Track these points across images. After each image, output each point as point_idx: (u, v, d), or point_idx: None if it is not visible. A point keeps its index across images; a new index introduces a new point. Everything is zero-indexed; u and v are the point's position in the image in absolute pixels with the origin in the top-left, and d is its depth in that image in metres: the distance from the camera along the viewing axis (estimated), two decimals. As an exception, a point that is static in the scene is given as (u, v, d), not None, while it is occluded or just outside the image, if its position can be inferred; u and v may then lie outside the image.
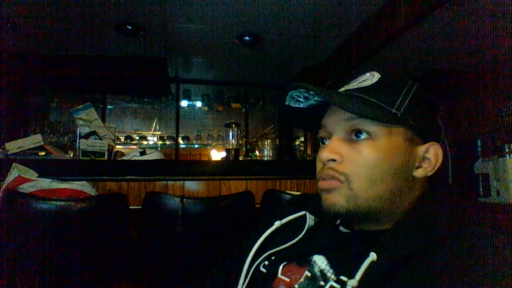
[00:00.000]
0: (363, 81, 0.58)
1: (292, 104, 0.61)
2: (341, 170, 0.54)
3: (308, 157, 3.89)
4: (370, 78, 0.58)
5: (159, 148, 4.15)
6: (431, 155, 0.56)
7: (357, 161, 0.53)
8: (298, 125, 0.68)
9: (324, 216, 0.62)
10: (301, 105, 0.61)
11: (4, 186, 1.37)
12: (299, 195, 0.80)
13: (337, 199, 0.54)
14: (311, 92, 0.57)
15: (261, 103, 4.44)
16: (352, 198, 0.53)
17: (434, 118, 0.58)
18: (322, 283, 0.52)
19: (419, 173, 0.55)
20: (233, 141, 2.31)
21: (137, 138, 4.23)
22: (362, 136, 0.54)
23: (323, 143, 0.60)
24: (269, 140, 3.37)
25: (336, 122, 0.56)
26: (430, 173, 0.56)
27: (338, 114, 0.56)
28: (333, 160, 0.55)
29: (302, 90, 0.57)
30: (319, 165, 0.58)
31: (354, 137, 0.55)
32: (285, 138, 4.40)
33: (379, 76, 0.58)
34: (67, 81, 3.50)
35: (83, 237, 1.25)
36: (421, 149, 0.56)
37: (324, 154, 0.55)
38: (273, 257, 0.61)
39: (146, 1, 2.46)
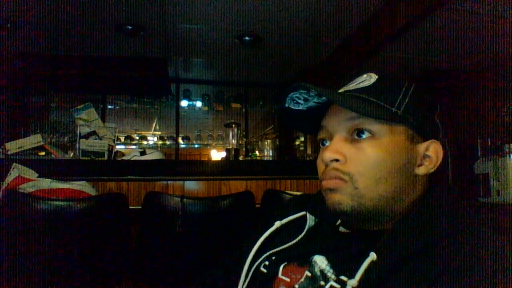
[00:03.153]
0: (361, 82, 0.59)
1: (292, 106, 0.61)
2: (345, 169, 0.54)
3: (308, 157, 3.89)
4: (368, 79, 0.59)
5: (159, 148, 4.14)
6: (432, 153, 0.56)
7: (361, 160, 0.54)
8: (297, 128, 0.68)
9: (327, 215, 0.62)
10: (301, 107, 0.62)
11: (4, 186, 1.37)
12: (300, 196, 0.80)
13: (342, 198, 0.54)
14: (311, 94, 0.57)
15: (261, 103, 4.43)
16: (357, 197, 0.53)
17: (433, 116, 0.59)
18: (322, 283, 0.52)
19: (420, 171, 0.56)
20: (233, 141, 2.31)
21: (137, 138, 4.23)
22: (364, 136, 0.54)
23: (323, 144, 0.60)
24: (269, 140, 3.36)
25: (337, 123, 0.57)
26: (431, 170, 0.56)
27: (339, 115, 0.56)
28: (336, 160, 0.55)
29: (302, 92, 0.57)
30: (321, 166, 0.58)
31: (356, 137, 0.55)
32: (285, 138, 4.40)
33: (376, 76, 0.58)
34: (67, 81, 3.49)
35: (83, 237, 1.25)
36: (422, 147, 0.56)
37: (327, 154, 0.55)
38: (273, 257, 0.61)
39: (146, 1, 2.46)
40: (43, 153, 1.86)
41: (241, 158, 2.79)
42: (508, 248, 0.45)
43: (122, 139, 4.10)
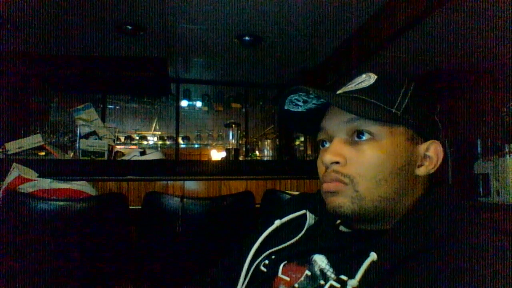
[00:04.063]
0: (360, 82, 0.59)
1: (291, 108, 0.61)
2: (345, 172, 0.54)
3: (308, 157, 3.89)
4: (367, 79, 0.58)
5: (159, 148, 4.15)
6: (432, 153, 0.56)
7: (361, 162, 0.53)
8: (297, 129, 0.68)
9: (327, 214, 0.62)
10: (300, 109, 0.61)
11: (4, 186, 1.37)
12: (299, 194, 0.80)
13: (343, 202, 0.54)
14: (310, 96, 0.57)
15: (261, 103, 4.43)
16: (357, 199, 0.53)
17: (432, 116, 0.58)
18: (322, 282, 0.52)
19: (421, 171, 0.56)
20: (233, 141, 2.31)
21: (137, 138, 4.23)
22: (364, 137, 0.54)
23: (323, 146, 0.60)
24: (269, 140, 3.37)
25: (337, 124, 0.56)
26: (432, 171, 0.56)
27: (338, 116, 0.56)
28: (337, 162, 0.55)
29: (301, 94, 0.57)
30: (321, 168, 0.58)
31: (356, 139, 0.55)
32: (285, 138, 4.39)
33: (375, 77, 0.58)
34: (67, 81, 3.50)
35: (83, 237, 1.25)
36: (422, 147, 0.56)
37: (327, 157, 0.55)
38: (273, 256, 0.61)
39: (146, 1, 2.46)
40: (43, 153, 1.86)
41: (241, 158, 2.79)
42: (508, 248, 0.45)
43: (122, 139, 4.10)
